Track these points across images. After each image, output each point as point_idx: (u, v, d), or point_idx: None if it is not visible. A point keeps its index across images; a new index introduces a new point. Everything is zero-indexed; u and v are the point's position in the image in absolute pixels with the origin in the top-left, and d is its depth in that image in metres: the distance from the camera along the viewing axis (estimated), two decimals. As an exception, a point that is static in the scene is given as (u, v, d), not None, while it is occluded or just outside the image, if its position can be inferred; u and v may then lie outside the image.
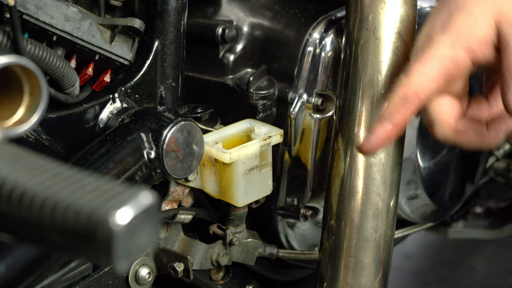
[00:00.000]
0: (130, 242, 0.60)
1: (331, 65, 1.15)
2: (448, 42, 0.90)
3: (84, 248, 0.62)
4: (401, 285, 1.92)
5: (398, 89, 0.91)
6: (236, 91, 1.16)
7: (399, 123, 0.91)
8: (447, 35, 0.90)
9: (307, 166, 1.17)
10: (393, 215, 1.07)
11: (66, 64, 0.96)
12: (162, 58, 1.05)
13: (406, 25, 1.04)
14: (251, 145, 1.06)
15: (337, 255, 1.06)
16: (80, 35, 0.98)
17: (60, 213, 0.61)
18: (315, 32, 1.16)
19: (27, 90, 0.83)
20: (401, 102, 0.90)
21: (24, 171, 0.64)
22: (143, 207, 0.61)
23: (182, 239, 1.11)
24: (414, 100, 0.90)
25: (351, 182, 1.05)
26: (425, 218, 1.31)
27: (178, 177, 1.01)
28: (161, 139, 0.98)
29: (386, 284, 1.08)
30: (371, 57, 1.04)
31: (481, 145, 0.94)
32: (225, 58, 1.17)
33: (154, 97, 1.06)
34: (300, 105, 1.15)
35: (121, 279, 1.05)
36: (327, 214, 1.07)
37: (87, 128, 1.01)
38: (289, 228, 1.24)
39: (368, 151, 0.92)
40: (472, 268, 1.97)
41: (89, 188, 0.62)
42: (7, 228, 0.66)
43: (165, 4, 1.03)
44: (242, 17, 1.19)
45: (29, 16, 0.93)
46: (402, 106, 0.90)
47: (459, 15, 0.91)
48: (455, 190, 1.34)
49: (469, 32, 0.90)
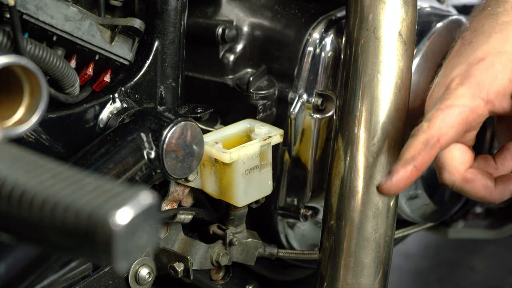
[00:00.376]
0: (130, 242, 0.60)
1: (331, 65, 1.15)
2: (469, 93, 0.93)
3: (84, 248, 0.62)
4: (401, 285, 1.91)
5: (420, 134, 0.94)
6: (236, 91, 1.16)
7: (420, 166, 0.93)
8: (467, 87, 0.93)
9: (307, 166, 1.17)
10: (393, 215, 1.07)
11: (66, 64, 0.96)
12: (162, 58, 1.05)
13: (406, 25, 1.04)
14: (251, 145, 1.06)
15: (337, 255, 1.06)
16: (80, 35, 0.98)
17: (60, 213, 0.61)
18: (315, 32, 1.16)
19: (27, 90, 0.83)
20: (423, 146, 0.93)
21: (24, 171, 0.64)
22: (143, 207, 0.61)
23: (182, 239, 1.11)
24: (435, 145, 0.93)
25: (351, 182, 1.04)
26: (425, 218, 1.31)
27: (178, 177, 1.01)
28: (161, 139, 0.98)
29: (386, 284, 1.08)
30: (371, 57, 1.04)
31: (486, 198, 0.97)
32: (225, 58, 1.17)
33: (154, 97, 1.06)
34: (300, 105, 1.15)
35: (121, 279, 1.05)
36: (327, 214, 1.07)
37: (87, 128, 1.01)
38: (289, 228, 1.24)
39: (389, 192, 0.94)
40: (472, 268, 1.97)
41: (89, 188, 0.62)
42: (7, 228, 0.66)
43: (165, 4, 1.03)
44: (242, 17, 1.19)
45: (29, 16, 0.93)
46: (424, 150, 0.93)
47: (479, 68, 0.94)
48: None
49: (489, 85, 0.93)
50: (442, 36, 1.19)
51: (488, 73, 0.94)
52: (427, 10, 1.25)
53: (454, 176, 0.96)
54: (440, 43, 1.19)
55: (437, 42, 1.19)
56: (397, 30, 1.04)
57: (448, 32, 1.21)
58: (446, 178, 0.96)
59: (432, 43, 1.18)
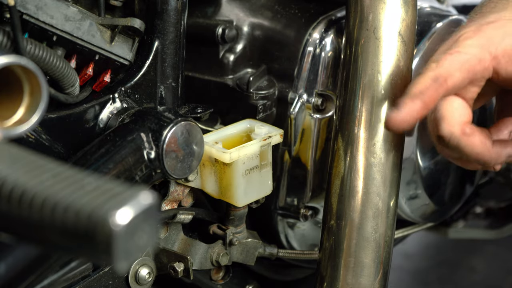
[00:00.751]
0: (130, 242, 0.60)
1: (331, 65, 1.15)
2: (477, 44, 0.94)
3: (84, 248, 0.62)
4: (401, 285, 1.92)
5: (428, 71, 0.93)
6: (236, 91, 1.16)
7: (428, 102, 0.92)
8: (476, 39, 0.94)
9: (307, 166, 1.17)
10: (393, 215, 1.07)
11: (66, 64, 0.96)
12: (162, 58, 1.05)
13: (406, 25, 1.04)
14: (251, 145, 1.06)
15: (337, 255, 1.06)
16: (80, 35, 0.98)
17: (60, 213, 0.61)
18: (315, 32, 1.16)
19: (27, 90, 0.83)
20: (431, 82, 0.92)
21: (24, 171, 0.64)
22: (143, 207, 0.61)
23: (182, 239, 1.11)
24: (443, 84, 0.93)
25: (351, 182, 1.04)
26: (425, 218, 1.31)
27: (178, 177, 1.01)
28: (161, 139, 0.98)
29: (386, 284, 1.08)
30: (371, 57, 1.04)
31: (482, 155, 0.95)
32: (225, 58, 1.17)
33: (154, 97, 1.06)
34: (300, 105, 1.15)
35: (121, 279, 1.05)
36: (327, 214, 1.07)
37: (87, 128, 1.01)
38: (289, 228, 1.24)
39: (397, 127, 0.93)
40: (472, 268, 1.97)
41: (89, 188, 0.62)
42: (7, 228, 0.66)
43: (165, 4, 1.03)
44: (242, 17, 1.19)
45: (29, 16, 0.93)
46: (432, 86, 0.92)
47: (490, 27, 0.95)
48: (455, 190, 1.34)
49: (498, 42, 0.94)
50: (442, 36, 1.19)
51: (498, 31, 0.94)
52: (427, 10, 1.25)
53: (453, 127, 0.94)
54: (440, 43, 1.19)
55: (437, 42, 1.19)
56: (397, 30, 1.04)
57: (448, 32, 1.21)
58: (445, 129, 0.94)
59: (432, 43, 1.18)
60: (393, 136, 1.04)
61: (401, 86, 1.04)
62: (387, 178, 1.04)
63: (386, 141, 1.04)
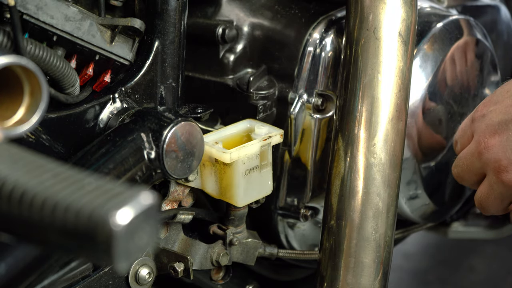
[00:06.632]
0: (130, 242, 0.60)
1: (331, 65, 1.15)
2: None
3: (85, 248, 0.62)
4: (401, 285, 1.92)
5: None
6: (236, 91, 1.16)
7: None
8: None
9: (307, 166, 1.17)
10: (393, 215, 1.07)
11: (66, 64, 0.96)
12: (162, 58, 1.05)
13: (406, 25, 1.04)
14: (251, 145, 1.06)
15: (337, 255, 1.06)
16: (80, 35, 0.98)
17: (60, 213, 0.61)
18: (315, 32, 1.16)
19: (27, 90, 0.83)
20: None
21: (24, 171, 0.64)
22: (143, 207, 0.61)
23: (182, 239, 1.11)
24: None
25: (351, 182, 1.05)
26: (425, 218, 1.31)
27: (178, 177, 1.01)
28: (161, 139, 0.98)
29: (386, 284, 1.08)
30: (371, 57, 1.04)
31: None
32: (225, 58, 1.17)
33: (154, 97, 1.06)
34: (300, 105, 1.15)
35: (121, 279, 1.05)
36: (327, 214, 1.07)
37: (87, 128, 1.01)
38: (289, 228, 1.24)
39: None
40: (472, 268, 1.97)
41: (89, 188, 0.62)
42: (7, 228, 0.66)
43: (165, 4, 1.03)
44: (242, 17, 1.19)
45: (29, 16, 0.93)
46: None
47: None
48: (455, 190, 1.34)
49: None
50: (442, 36, 1.19)
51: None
52: (427, 10, 1.25)
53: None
54: (440, 43, 1.19)
55: (437, 42, 1.19)
56: (397, 30, 1.04)
57: (448, 32, 1.21)
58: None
59: (432, 43, 1.18)
60: (393, 136, 1.04)
61: (401, 86, 1.04)
62: (387, 178, 1.04)
63: (386, 141, 1.04)
